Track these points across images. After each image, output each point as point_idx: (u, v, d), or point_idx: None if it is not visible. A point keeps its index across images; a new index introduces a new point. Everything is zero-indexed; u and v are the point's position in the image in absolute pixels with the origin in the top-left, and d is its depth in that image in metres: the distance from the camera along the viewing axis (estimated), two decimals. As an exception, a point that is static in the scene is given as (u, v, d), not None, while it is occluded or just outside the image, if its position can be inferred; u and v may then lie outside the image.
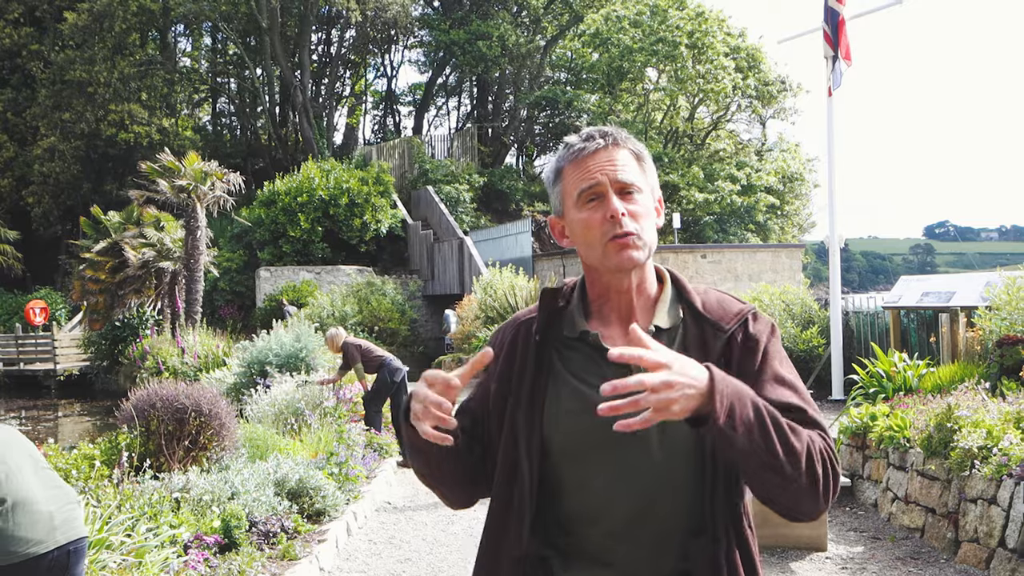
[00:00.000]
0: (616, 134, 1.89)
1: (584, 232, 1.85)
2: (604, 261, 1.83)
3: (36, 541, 3.36)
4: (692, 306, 1.88)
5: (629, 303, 1.87)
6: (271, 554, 5.96)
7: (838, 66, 11.40)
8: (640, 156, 1.90)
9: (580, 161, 1.86)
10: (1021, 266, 9.62)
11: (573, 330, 1.87)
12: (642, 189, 1.86)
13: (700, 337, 1.83)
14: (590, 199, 1.83)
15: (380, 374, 10.26)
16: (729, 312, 1.86)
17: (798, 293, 13.74)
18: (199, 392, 7.60)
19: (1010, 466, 5.73)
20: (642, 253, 1.82)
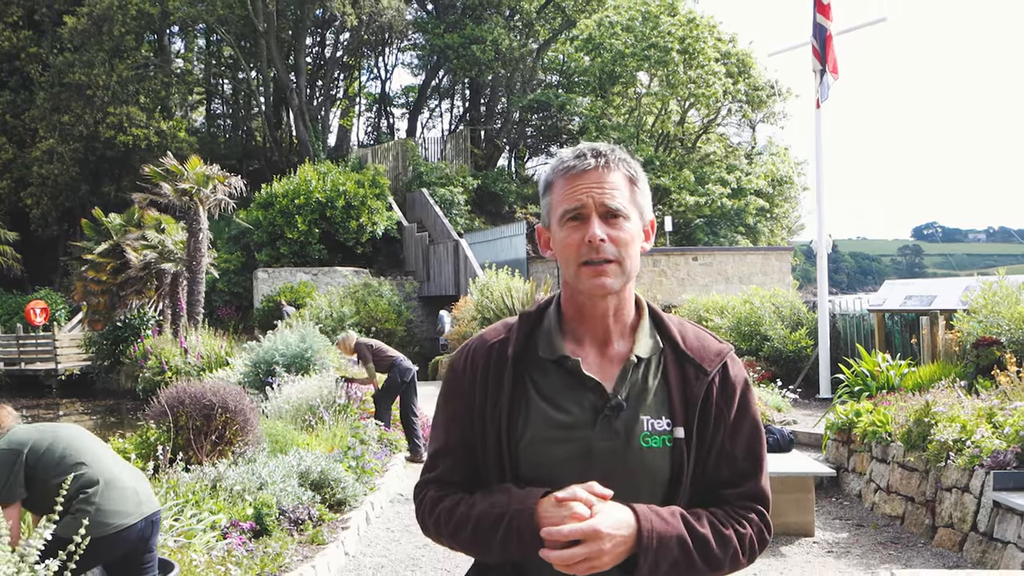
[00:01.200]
0: (610, 155, 1.86)
1: (562, 250, 1.85)
2: (577, 283, 1.83)
3: (126, 514, 3.85)
4: (671, 339, 1.89)
5: (606, 328, 1.88)
6: (301, 539, 6.44)
7: (826, 79, 11.91)
8: (634, 179, 1.88)
9: (570, 178, 1.85)
10: (1000, 270, 10.12)
11: (550, 352, 1.86)
12: (629, 216, 1.84)
13: (681, 373, 1.85)
14: (573, 218, 1.83)
15: (391, 373, 10.72)
16: (710, 352, 1.89)
17: (787, 296, 14.27)
18: (225, 390, 8.07)
19: (981, 457, 6.24)
20: (616, 281, 1.81)
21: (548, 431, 1.80)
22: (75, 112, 32.49)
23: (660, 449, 1.79)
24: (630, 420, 1.79)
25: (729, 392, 1.86)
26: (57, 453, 3.90)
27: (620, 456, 1.78)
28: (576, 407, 1.81)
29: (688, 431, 1.80)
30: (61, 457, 3.89)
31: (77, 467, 3.86)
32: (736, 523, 1.80)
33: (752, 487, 1.85)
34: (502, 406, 1.83)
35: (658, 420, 1.80)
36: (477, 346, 1.93)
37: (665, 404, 1.82)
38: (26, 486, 3.85)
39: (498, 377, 1.86)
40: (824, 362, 11.99)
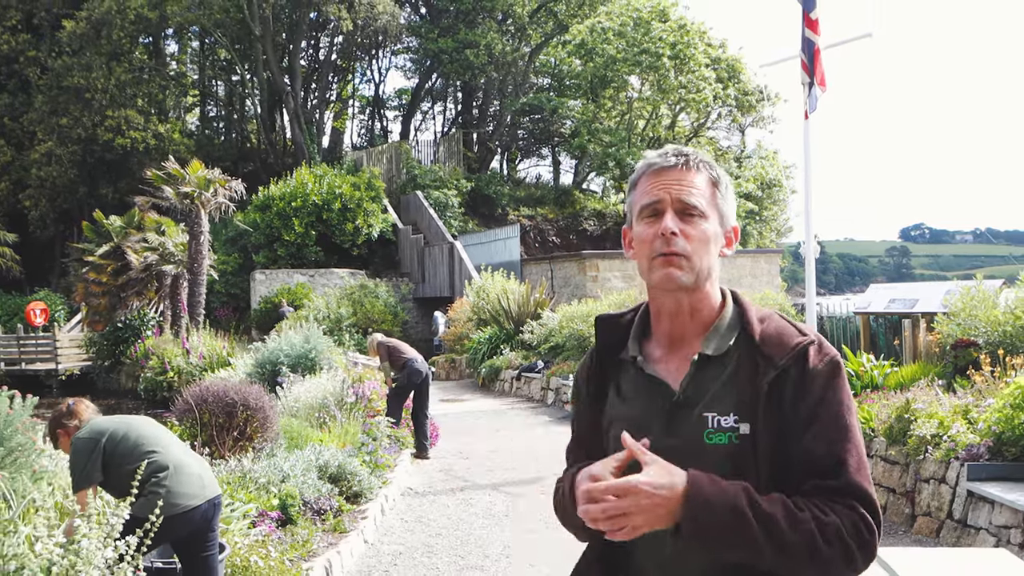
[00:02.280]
0: (692, 156, 1.88)
1: (639, 245, 1.88)
2: (649, 276, 1.86)
3: (193, 495, 4.31)
4: (748, 334, 1.85)
5: (681, 326, 1.89)
6: (324, 527, 6.90)
7: (814, 91, 12.36)
8: (716, 182, 1.89)
9: (652, 175, 1.88)
10: (978, 275, 10.63)
11: (627, 352, 1.93)
12: (707, 215, 1.85)
13: (751, 368, 1.81)
14: (650, 214, 1.85)
15: (402, 374, 11.18)
16: (786, 344, 1.81)
17: (776, 299, 14.79)
18: (246, 389, 8.52)
19: (957, 450, 6.74)
20: (686, 276, 1.81)
21: (618, 427, 1.84)
22: (73, 115, 32.83)
23: (725, 446, 1.77)
24: (695, 417, 1.80)
25: (807, 384, 1.78)
26: (131, 442, 4.36)
27: (685, 453, 1.75)
28: (646, 407, 1.86)
29: (755, 427, 1.76)
30: (135, 445, 4.35)
31: (149, 454, 4.32)
32: (817, 509, 1.67)
33: (841, 482, 1.71)
34: (596, 402, 1.96)
35: (724, 417, 1.78)
36: (593, 349, 2.04)
37: (733, 400, 1.79)
38: (103, 471, 4.31)
39: (596, 375, 1.98)
40: (812, 362, 12.47)
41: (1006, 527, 5.98)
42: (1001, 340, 8.62)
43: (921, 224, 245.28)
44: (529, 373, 17.58)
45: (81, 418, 4.53)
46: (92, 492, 4.27)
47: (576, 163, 43.57)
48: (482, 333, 21.28)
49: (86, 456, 4.26)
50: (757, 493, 1.68)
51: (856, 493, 1.70)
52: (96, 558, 3.61)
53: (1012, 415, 6.45)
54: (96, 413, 4.63)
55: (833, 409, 1.77)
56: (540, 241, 36.51)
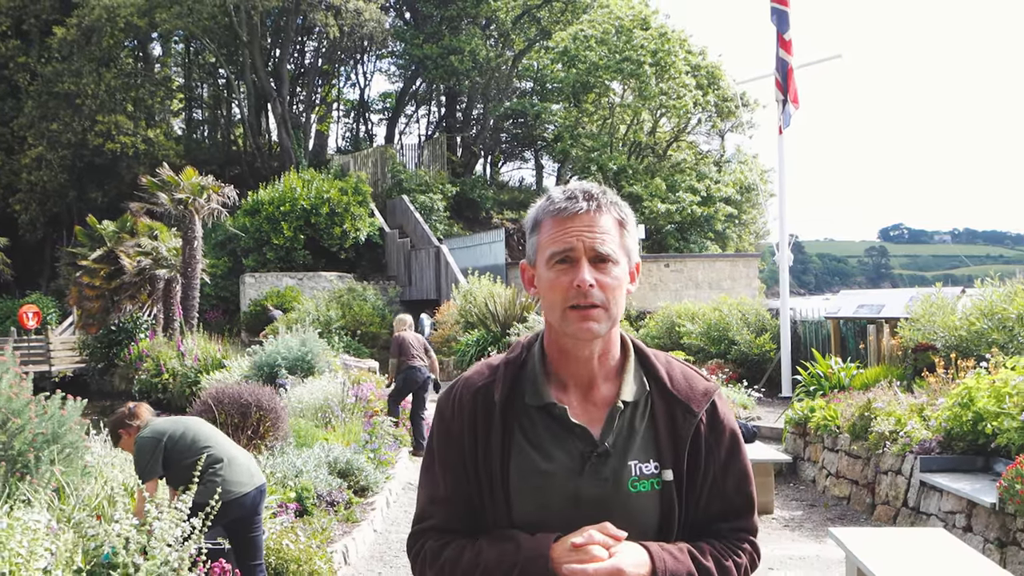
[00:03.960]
0: (602, 198, 1.84)
1: (549, 292, 1.82)
2: (563, 326, 1.81)
3: (243, 483, 4.97)
4: (659, 380, 1.89)
5: (591, 371, 1.87)
6: (338, 517, 7.54)
7: (788, 108, 13.12)
8: (623, 222, 1.86)
9: (560, 220, 1.82)
10: (937, 284, 11.35)
11: (537, 398, 1.85)
12: (618, 261, 1.82)
13: (668, 415, 1.85)
14: (561, 261, 1.80)
15: (399, 378, 11.86)
16: (697, 392, 1.89)
17: (753, 304, 15.50)
18: (259, 390, 9.13)
19: (912, 445, 7.46)
20: (602, 326, 1.80)
21: (536, 479, 1.80)
22: (64, 120, 33.30)
23: (649, 493, 1.81)
24: (618, 466, 1.80)
25: (719, 430, 1.88)
26: (188, 439, 5.02)
27: (609, 502, 1.79)
28: (563, 454, 1.81)
29: (678, 473, 1.82)
30: (192, 442, 5.01)
31: (205, 449, 4.97)
32: (733, 554, 1.85)
33: (744, 522, 1.91)
34: (492, 453, 1.83)
35: (646, 464, 1.81)
36: (462, 391, 1.91)
37: (653, 447, 1.83)
38: (164, 466, 4.97)
39: (486, 423, 1.85)
40: (785, 364, 13.21)
41: (952, 512, 6.70)
42: (956, 344, 9.36)
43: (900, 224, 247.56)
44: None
45: (142, 419, 5.19)
46: (154, 485, 4.93)
47: (559, 167, 44.27)
48: (469, 336, 21.88)
49: (149, 453, 4.92)
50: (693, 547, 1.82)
51: (754, 531, 1.93)
52: (168, 536, 4.25)
53: (960, 413, 7.16)
54: (153, 415, 5.29)
55: (741, 456, 1.92)
56: (523, 244, 36.96)
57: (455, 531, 1.87)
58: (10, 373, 5.94)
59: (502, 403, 1.85)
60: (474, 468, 1.84)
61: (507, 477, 1.81)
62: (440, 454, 1.90)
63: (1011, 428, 6.55)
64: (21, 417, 5.74)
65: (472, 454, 1.84)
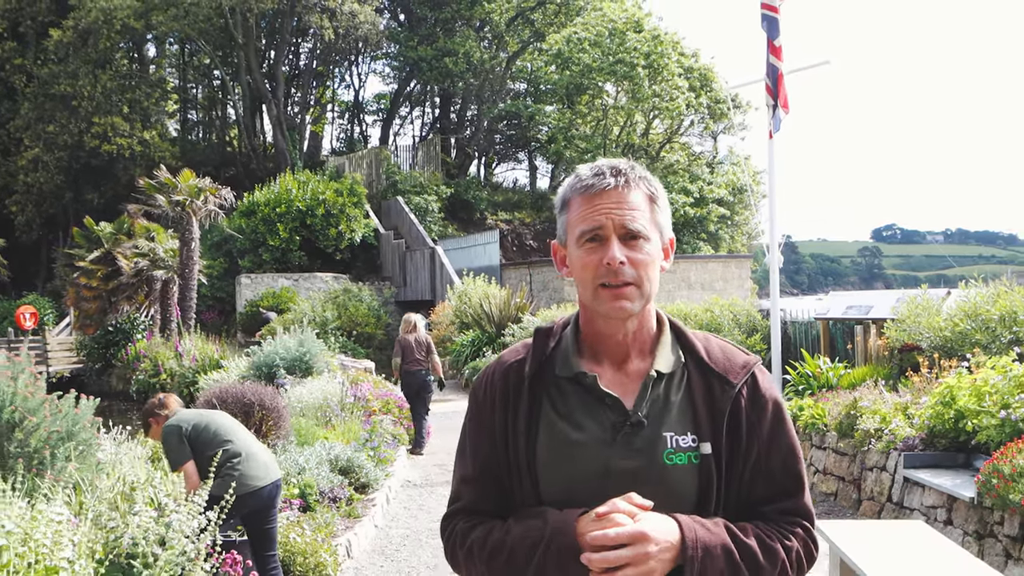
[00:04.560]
0: (630, 173, 1.81)
1: (580, 271, 1.80)
2: (595, 305, 1.79)
3: (260, 478, 5.21)
4: (695, 352, 1.85)
5: (625, 347, 1.83)
6: (340, 513, 7.77)
7: (778, 113, 13.33)
8: (654, 197, 1.83)
9: (588, 197, 1.79)
10: (923, 285, 11.61)
11: (567, 369, 1.82)
12: (649, 237, 1.79)
13: (705, 387, 1.80)
14: (591, 239, 1.78)
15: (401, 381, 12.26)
16: (735, 364, 1.83)
17: (744, 306, 15.75)
18: (262, 390, 9.35)
19: (896, 442, 7.71)
20: (636, 304, 1.77)
21: (565, 449, 1.76)
22: (60, 122, 33.50)
23: (686, 466, 1.74)
24: (652, 437, 1.75)
25: (760, 405, 1.81)
26: (211, 433, 5.27)
27: (642, 475, 1.72)
28: (594, 424, 1.77)
29: (716, 447, 1.75)
30: (214, 435, 5.25)
31: (225, 443, 5.21)
32: (782, 537, 1.75)
33: (794, 503, 1.80)
34: (519, 427, 1.80)
35: (683, 436, 1.76)
36: (496, 369, 1.91)
37: (690, 419, 1.77)
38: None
39: (516, 398, 1.83)
40: (776, 365, 13.42)
41: (934, 507, 6.95)
42: (941, 344, 9.60)
43: (893, 225, 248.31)
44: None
45: (170, 409, 5.46)
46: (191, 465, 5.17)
47: (552, 167, 44.53)
48: (465, 336, 22.11)
49: (176, 440, 5.20)
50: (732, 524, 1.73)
51: (808, 515, 1.81)
52: (186, 527, 4.48)
53: (942, 411, 7.41)
54: (181, 406, 5.56)
55: (788, 433, 1.83)
56: (518, 245, 37.41)
57: (485, 512, 1.86)
58: (25, 373, 6.13)
59: (531, 376, 1.83)
60: (504, 446, 1.82)
61: (535, 450, 1.78)
62: (471, 434, 1.90)
63: (990, 425, 6.79)
64: (37, 415, 5.95)
65: (503, 432, 1.82)
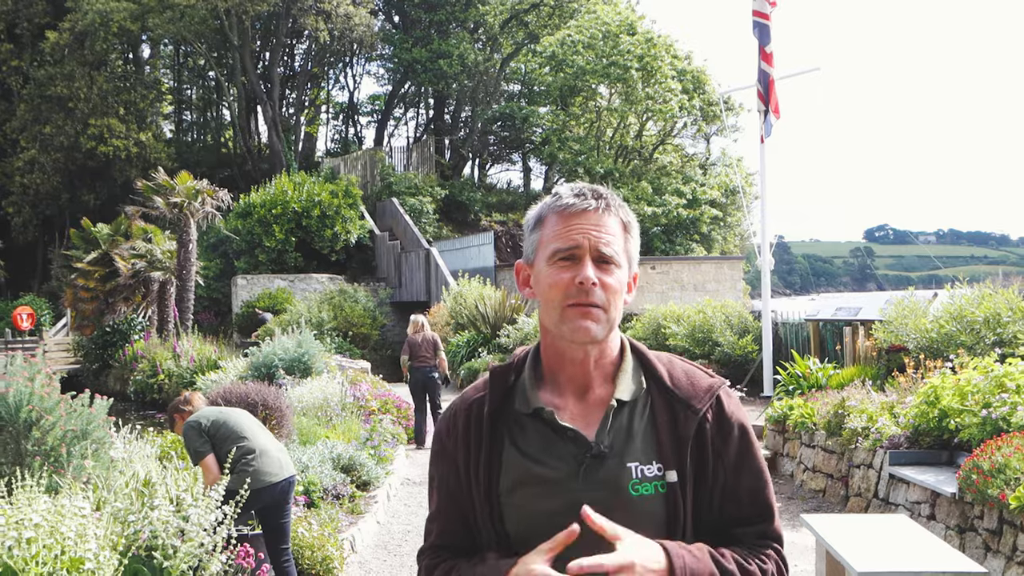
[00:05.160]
0: (610, 199, 1.80)
1: (548, 289, 1.76)
2: (560, 325, 1.75)
3: (274, 474, 5.45)
4: (657, 377, 1.82)
5: (586, 375, 1.80)
6: (343, 509, 8.01)
7: (769, 119, 13.62)
8: (628, 227, 1.82)
9: (566, 216, 1.77)
10: (910, 288, 11.86)
11: (526, 405, 1.80)
12: (620, 264, 1.77)
13: (669, 414, 1.77)
14: (564, 258, 1.75)
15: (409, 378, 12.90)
16: (699, 389, 1.81)
17: (736, 307, 16.02)
18: (265, 390, 9.58)
19: (882, 441, 7.97)
20: (602, 328, 1.74)
21: (530, 487, 1.74)
22: (56, 123, 33.62)
23: (652, 496, 1.72)
24: (616, 468, 1.73)
25: (726, 430, 1.79)
26: (228, 429, 5.51)
27: (609, 507, 1.68)
28: (556, 460, 1.74)
29: (682, 474, 1.73)
30: (231, 432, 5.50)
31: (241, 440, 5.45)
32: (758, 559, 1.75)
33: (765, 527, 1.80)
34: (481, 463, 1.78)
35: (647, 466, 1.73)
36: (459, 406, 1.88)
37: (654, 448, 1.75)
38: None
39: (477, 434, 1.81)
40: (767, 365, 13.70)
41: (918, 503, 7.21)
42: (928, 345, 9.86)
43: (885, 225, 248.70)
44: (506, 375, 18.64)
45: (194, 406, 5.73)
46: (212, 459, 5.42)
47: (546, 169, 44.76)
48: (460, 337, 22.34)
49: (196, 435, 5.46)
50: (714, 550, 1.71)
51: (778, 538, 1.81)
52: (204, 521, 4.71)
53: (927, 410, 7.67)
54: (205, 403, 5.82)
55: (755, 456, 1.81)
56: (512, 246, 37.62)
57: (449, 548, 1.86)
58: (42, 374, 6.35)
59: (491, 413, 1.80)
60: (467, 482, 1.80)
61: (498, 488, 1.76)
62: (436, 471, 1.90)
63: (972, 424, 7.05)
64: (53, 415, 6.17)
65: (465, 468, 1.80)
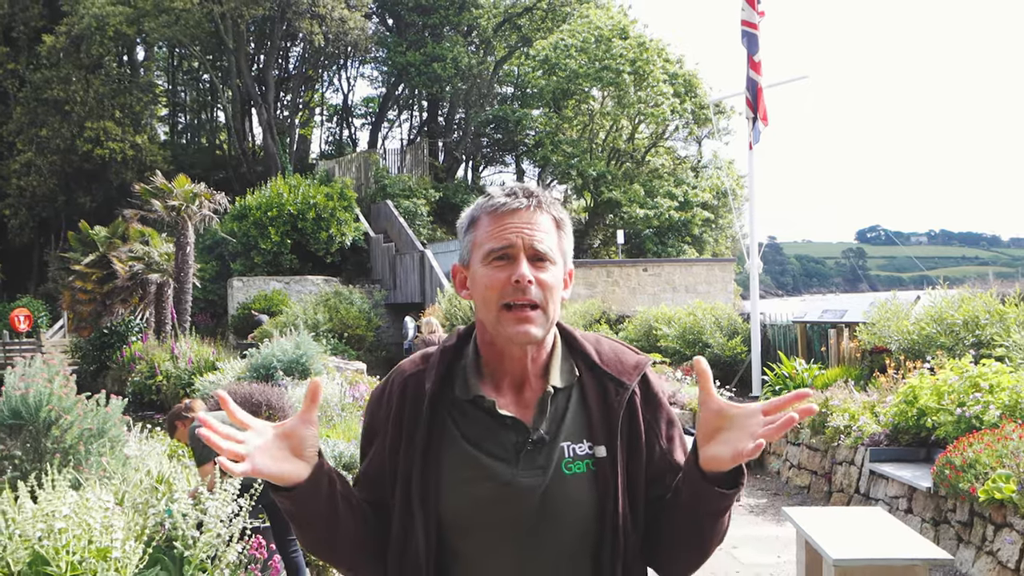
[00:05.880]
0: (541, 196, 1.81)
1: (484, 290, 1.77)
2: (497, 327, 1.76)
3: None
4: (587, 358, 1.84)
5: (523, 370, 1.81)
6: (346, 505, 8.32)
7: (757, 125, 13.97)
8: (561, 224, 1.84)
9: (498, 216, 1.78)
10: (892, 292, 12.21)
11: (466, 392, 1.80)
12: (555, 261, 1.79)
13: (600, 391, 1.80)
14: (499, 258, 1.76)
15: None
16: (627, 365, 1.84)
17: (726, 310, 16.38)
18: (269, 390, 9.89)
19: (863, 438, 8.31)
20: (540, 329, 1.75)
21: (468, 472, 1.75)
22: (53, 126, 33.86)
23: (584, 474, 1.75)
24: (551, 450, 1.75)
25: (655, 403, 1.84)
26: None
27: (542, 489, 1.73)
28: (497, 447, 1.76)
29: (611, 449, 1.76)
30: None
31: None
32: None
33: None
34: (416, 444, 1.77)
35: (579, 444, 1.77)
36: (395, 377, 1.89)
37: (585, 427, 1.78)
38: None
39: (414, 413, 1.80)
40: (756, 366, 14.06)
41: (896, 497, 7.55)
42: (909, 347, 10.21)
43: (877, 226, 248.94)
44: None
45: (196, 413, 5.96)
46: (212, 466, 5.70)
47: (539, 171, 45.09)
48: (455, 338, 22.60)
49: (203, 441, 5.71)
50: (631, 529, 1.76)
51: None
52: (221, 513, 5.02)
53: (906, 409, 8.01)
54: (206, 410, 6.06)
55: (678, 425, 1.87)
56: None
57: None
58: (60, 375, 6.65)
59: (432, 394, 1.79)
60: (393, 455, 1.80)
61: (437, 469, 1.76)
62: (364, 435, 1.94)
63: (948, 422, 7.40)
64: (71, 414, 6.47)
65: (394, 442, 1.80)
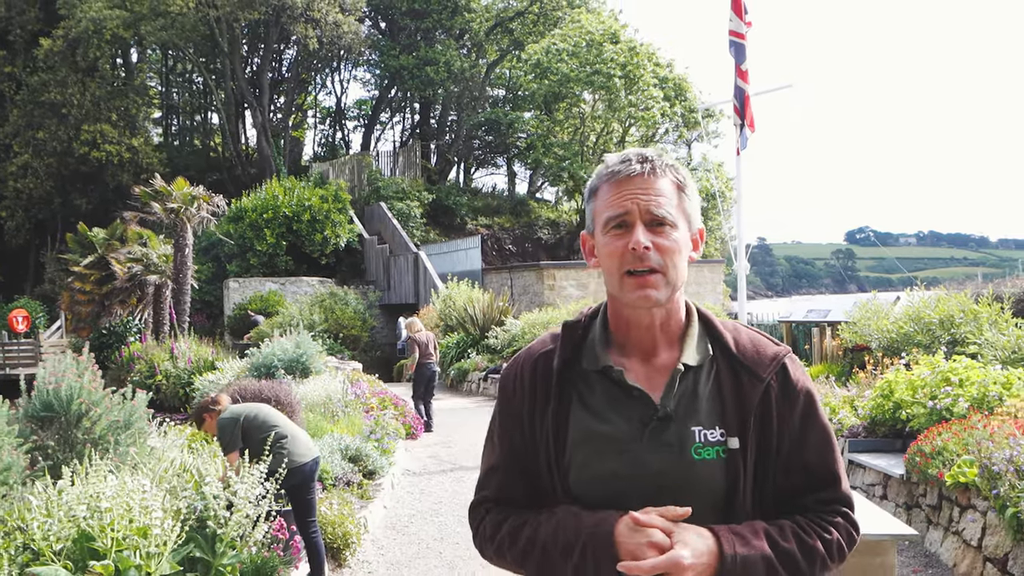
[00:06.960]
0: (657, 161, 1.80)
1: (606, 258, 1.79)
2: (621, 294, 1.77)
3: (303, 455, 6.21)
4: (723, 344, 1.82)
5: (652, 338, 1.80)
6: (354, 495, 8.77)
7: (744, 132, 14.42)
8: (682, 186, 1.82)
9: (615, 184, 1.79)
10: (872, 291, 12.72)
11: (594, 363, 1.81)
12: (676, 224, 1.77)
13: (734, 380, 1.78)
14: (617, 226, 1.77)
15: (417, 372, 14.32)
16: (765, 356, 1.80)
17: (715, 310, 16.87)
18: (277, 387, 10.30)
19: (843, 430, 8.79)
20: (662, 293, 1.75)
21: (594, 444, 1.75)
22: (49, 129, 34.22)
23: (714, 461, 1.73)
24: (681, 431, 1.74)
25: (791, 397, 1.79)
26: (261, 420, 6.26)
27: (672, 470, 1.72)
28: (621, 419, 1.75)
29: (744, 441, 1.74)
30: (263, 422, 6.24)
31: (273, 428, 6.20)
32: (821, 530, 1.75)
33: (832, 492, 1.79)
34: (548, 419, 1.79)
35: (711, 430, 1.74)
36: (524, 359, 1.90)
37: (718, 413, 1.76)
38: (243, 440, 6.21)
39: (544, 389, 1.82)
40: (743, 364, 14.54)
41: (873, 484, 8.04)
42: (888, 345, 10.72)
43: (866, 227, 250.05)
44: (495, 375, 19.44)
45: (222, 405, 6.43)
46: (236, 456, 6.15)
47: (531, 173, 45.56)
48: (450, 338, 23.10)
49: (230, 431, 6.17)
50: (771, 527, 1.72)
51: (847, 502, 1.81)
52: (250, 495, 5.47)
53: (882, 403, 8.50)
54: (231, 402, 6.52)
55: (820, 422, 1.82)
56: (497, 249, 38.39)
57: (513, 501, 1.87)
58: (90, 371, 7.07)
59: (559, 368, 1.82)
60: (531, 435, 1.82)
61: (564, 444, 1.78)
62: (499, 423, 1.92)
63: (921, 414, 7.88)
64: (100, 407, 6.90)
65: (530, 422, 1.82)
